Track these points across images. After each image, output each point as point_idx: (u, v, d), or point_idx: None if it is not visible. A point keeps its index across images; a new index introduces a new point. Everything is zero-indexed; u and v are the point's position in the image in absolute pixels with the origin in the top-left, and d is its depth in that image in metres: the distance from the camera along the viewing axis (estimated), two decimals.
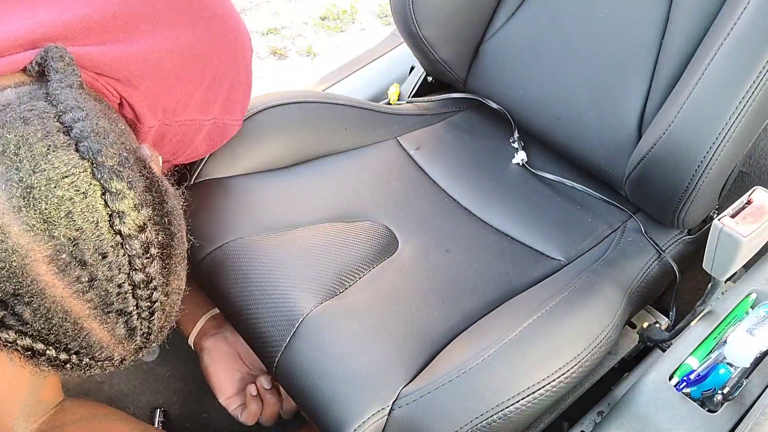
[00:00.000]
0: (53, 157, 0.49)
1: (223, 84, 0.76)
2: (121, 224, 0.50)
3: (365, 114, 1.04)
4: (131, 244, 0.50)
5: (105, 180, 0.50)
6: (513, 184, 0.99)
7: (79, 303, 0.49)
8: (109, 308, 0.51)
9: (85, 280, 0.49)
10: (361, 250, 0.86)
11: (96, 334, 0.51)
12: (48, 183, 0.48)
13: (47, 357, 0.51)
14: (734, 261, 0.68)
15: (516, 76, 1.02)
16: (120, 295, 0.51)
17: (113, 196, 0.50)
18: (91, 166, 0.50)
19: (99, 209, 0.49)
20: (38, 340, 0.50)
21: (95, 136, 0.52)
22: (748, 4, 0.76)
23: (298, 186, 0.94)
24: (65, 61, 0.57)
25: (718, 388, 0.69)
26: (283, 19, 2.50)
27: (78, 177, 0.49)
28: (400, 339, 0.77)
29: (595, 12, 0.93)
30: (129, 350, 0.54)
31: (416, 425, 0.69)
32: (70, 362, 0.52)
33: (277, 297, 0.79)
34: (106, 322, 0.51)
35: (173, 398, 1.12)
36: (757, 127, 0.81)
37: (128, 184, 0.51)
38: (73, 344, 0.51)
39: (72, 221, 0.48)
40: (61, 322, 0.49)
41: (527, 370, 0.71)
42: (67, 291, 0.49)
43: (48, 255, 0.48)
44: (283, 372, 0.76)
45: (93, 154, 0.50)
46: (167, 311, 0.56)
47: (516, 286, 0.85)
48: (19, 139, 0.49)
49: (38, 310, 0.48)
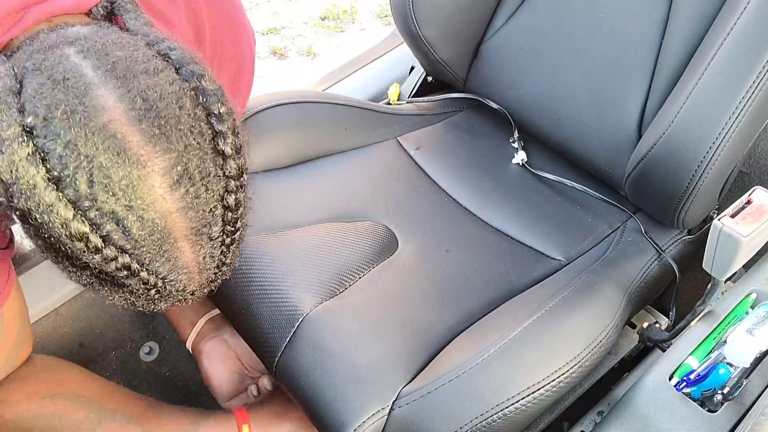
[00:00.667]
0: (161, 77, 0.50)
1: (230, 68, 0.77)
2: (224, 145, 0.51)
3: (365, 114, 1.04)
4: (230, 165, 0.52)
5: (210, 102, 0.51)
6: (513, 184, 0.99)
7: (182, 221, 0.50)
8: (203, 229, 0.52)
9: (190, 197, 0.50)
10: (361, 250, 0.86)
11: (185, 257, 0.52)
12: (162, 98, 0.49)
13: (140, 278, 0.51)
14: (734, 261, 0.68)
15: (516, 76, 1.02)
16: (214, 217, 0.52)
17: (217, 118, 0.51)
18: (195, 90, 0.51)
19: (206, 129, 0.51)
20: (135, 259, 0.50)
21: (195, 64, 0.53)
22: (748, 4, 0.76)
23: (298, 186, 0.94)
24: (134, 3, 0.58)
25: (718, 388, 0.69)
26: (283, 19, 2.50)
27: (186, 97, 0.50)
28: (400, 339, 0.77)
29: (595, 12, 0.93)
30: (203, 280, 0.55)
31: (416, 425, 0.69)
32: (156, 287, 0.52)
33: (277, 297, 0.79)
34: (197, 244, 0.52)
35: (173, 398, 1.12)
36: (757, 127, 0.81)
37: (228, 109, 0.52)
38: (163, 267, 0.51)
39: (185, 137, 0.49)
40: (162, 240, 0.50)
41: (527, 370, 0.71)
42: (174, 206, 0.49)
43: (165, 167, 0.49)
44: (283, 372, 0.76)
45: (196, 78, 0.51)
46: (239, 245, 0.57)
47: (516, 286, 0.85)
48: (125, 59, 0.50)
49: (146, 224, 0.49)
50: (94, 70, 0.49)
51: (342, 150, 1.01)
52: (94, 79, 0.48)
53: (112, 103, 0.48)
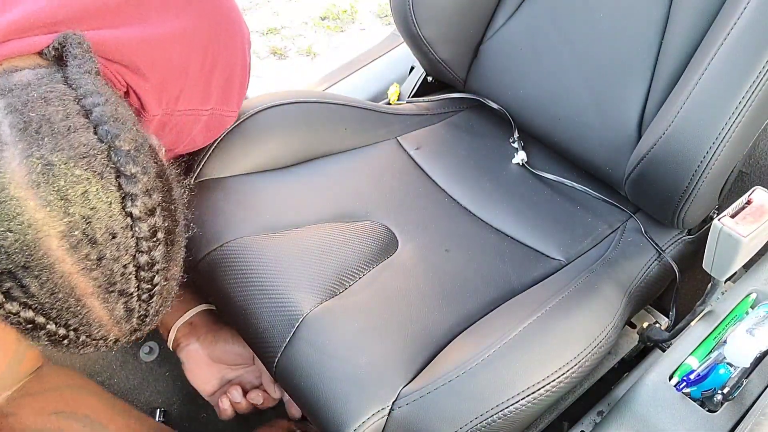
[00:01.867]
0: (73, 137, 0.51)
1: (222, 74, 0.77)
2: (132, 206, 0.51)
3: (365, 114, 1.04)
4: (140, 226, 0.52)
5: (121, 164, 0.51)
6: (513, 184, 0.99)
7: (85, 280, 0.51)
8: (112, 288, 0.52)
9: (93, 258, 0.50)
10: (361, 250, 0.86)
11: (96, 312, 0.52)
12: (67, 162, 0.49)
13: (47, 331, 0.52)
14: (734, 261, 0.68)
15: (516, 76, 1.02)
16: (124, 276, 0.52)
17: (127, 179, 0.51)
18: (109, 150, 0.51)
19: (113, 191, 0.51)
20: (41, 313, 0.51)
21: (114, 122, 0.53)
22: (747, 4, 0.76)
23: (298, 186, 0.94)
24: (83, 47, 0.58)
25: (718, 388, 0.69)
26: (283, 19, 2.50)
27: (95, 158, 0.51)
28: (400, 339, 0.77)
29: (595, 12, 0.93)
30: (124, 331, 0.56)
31: (416, 425, 0.69)
32: (67, 338, 0.53)
33: (277, 297, 0.79)
34: (108, 301, 0.52)
35: (173, 398, 1.12)
36: (757, 127, 0.81)
37: (142, 169, 0.53)
38: (73, 321, 0.52)
39: (87, 200, 0.50)
40: (65, 298, 0.51)
41: (527, 370, 0.71)
42: (75, 267, 0.50)
43: (61, 231, 0.49)
44: (283, 372, 0.76)
45: (111, 137, 0.52)
46: (164, 296, 0.57)
47: (516, 286, 0.85)
48: (41, 118, 0.51)
49: (45, 283, 0.49)
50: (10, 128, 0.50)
51: (342, 150, 1.01)
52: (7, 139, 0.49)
53: (15, 165, 0.48)
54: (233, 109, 0.83)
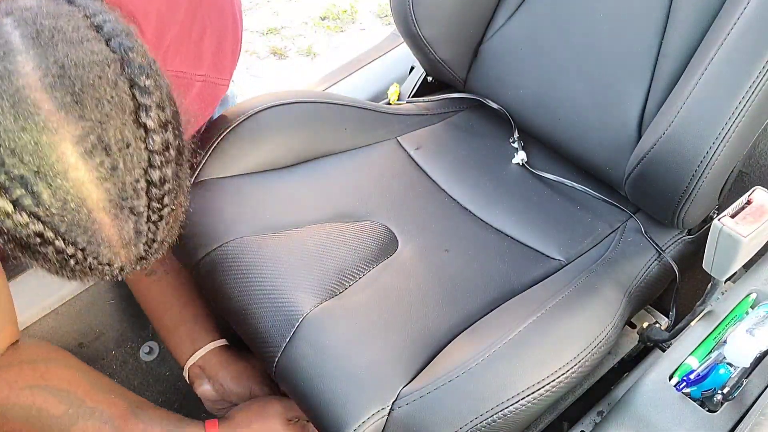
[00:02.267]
0: (86, 46, 0.50)
1: (212, 39, 0.76)
2: (146, 118, 0.51)
3: (365, 114, 1.04)
4: (154, 138, 0.51)
5: (135, 74, 0.51)
6: (513, 184, 0.99)
7: (97, 191, 0.50)
8: (123, 203, 0.51)
9: (107, 167, 0.49)
10: (361, 250, 0.86)
11: (105, 229, 0.51)
12: (81, 67, 0.49)
13: (55, 247, 0.50)
14: (734, 261, 0.68)
15: (516, 76, 1.02)
16: (135, 191, 0.51)
17: (141, 90, 0.51)
18: (121, 60, 0.51)
19: (127, 100, 0.50)
20: (49, 227, 0.49)
21: (126, 36, 0.53)
22: (747, 4, 0.76)
23: (298, 186, 0.94)
24: None
25: (718, 388, 0.69)
26: (283, 19, 2.50)
27: (109, 67, 0.50)
28: (399, 339, 0.77)
29: (595, 12, 0.93)
30: (130, 257, 0.54)
31: (416, 425, 0.69)
32: (74, 257, 0.51)
33: (277, 297, 0.79)
34: (118, 217, 0.51)
35: (173, 398, 1.12)
36: (757, 127, 0.81)
37: (155, 83, 0.52)
38: (81, 237, 0.51)
39: (101, 106, 0.49)
40: (76, 209, 0.49)
41: (527, 370, 0.71)
42: (88, 175, 0.49)
43: (76, 135, 0.48)
44: (283, 372, 0.76)
45: (124, 50, 0.51)
46: (172, 223, 0.56)
47: (516, 286, 0.85)
48: (53, 27, 0.50)
49: (57, 191, 0.48)
50: (22, 37, 0.49)
51: (342, 150, 1.01)
52: (19, 47, 0.48)
53: (29, 69, 0.48)
54: (226, 77, 0.82)
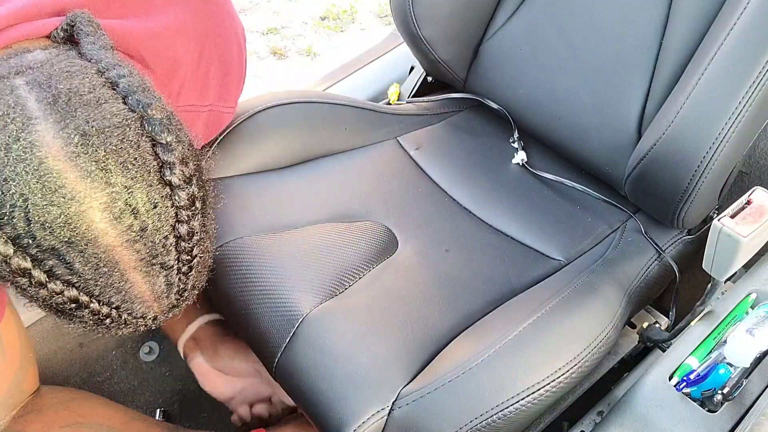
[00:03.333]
0: (104, 108, 0.50)
1: (219, 69, 0.76)
2: (171, 175, 0.51)
3: (365, 114, 1.04)
4: (179, 195, 0.51)
5: (156, 132, 0.51)
6: (513, 184, 0.99)
7: (128, 253, 0.50)
8: (154, 260, 0.52)
9: (136, 229, 0.50)
10: (361, 250, 0.86)
11: (138, 287, 0.52)
12: (103, 132, 0.49)
13: (90, 310, 0.51)
14: (734, 261, 0.68)
15: (516, 76, 1.02)
16: (165, 248, 0.52)
17: (163, 148, 0.51)
18: (141, 119, 0.51)
19: (150, 160, 0.51)
20: (84, 291, 0.50)
21: (143, 91, 0.52)
22: (747, 4, 0.76)
23: (298, 186, 0.94)
24: (93, 25, 0.58)
25: (718, 388, 0.69)
26: (283, 19, 2.50)
27: (130, 128, 0.50)
28: (399, 339, 0.77)
29: (595, 12, 0.93)
30: (163, 307, 0.55)
31: (416, 425, 0.69)
32: (110, 316, 0.52)
33: (277, 297, 0.79)
34: (149, 274, 0.52)
35: (173, 398, 1.12)
36: (756, 127, 0.81)
37: (176, 138, 0.52)
38: (115, 297, 0.51)
39: (126, 170, 0.49)
40: (109, 272, 0.50)
41: (527, 370, 0.71)
42: (118, 240, 0.49)
43: (104, 202, 0.48)
44: (283, 372, 0.76)
45: (143, 107, 0.51)
46: (201, 269, 0.57)
47: (516, 286, 0.85)
48: (69, 90, 0.50)
49: (89, 259, 0.49)
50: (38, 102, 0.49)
51: (342, 150, 1.01)
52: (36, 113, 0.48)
53: (50, 138, 0.48)
54: (231, 105, 0.83)
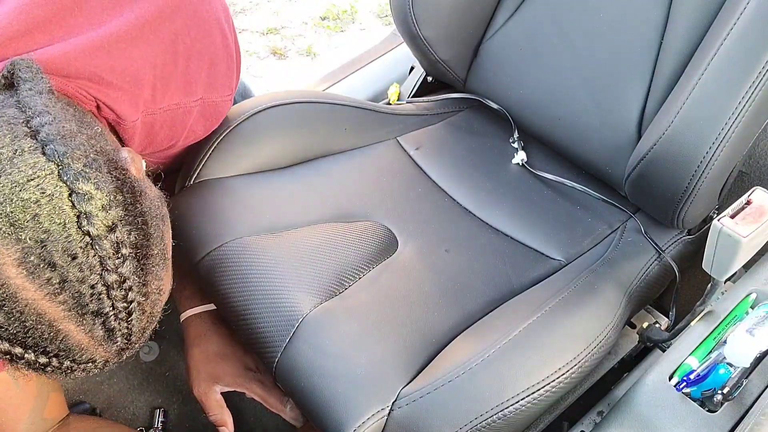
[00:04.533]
0: (20, 160, 0.50)
1: (202, 62, 0.74)
2: (89, 225, 0.50)
3: (365, 114, 1.04)
4: (101, 244, 0.50)
5: (71, 181, 0.50)
6: (513, 184, 0.99)
7: (53, 305, 0.49)
8: (84, 309, 0.50)
9: (56, 282, 0.49)
10: (360, 251, 0.86)
11: (74, 336, 0.51)
12: (14, 186, 0.49)
13: (26, 360, 0.50)
14: (734, 261, 0.68)
15: (516, 76, 1.02)
16: (94, 296, 0.51)
17: (80, 197, 0.50)
18: (58, 168, 0.50)
19: (66, 210, 0.50)
20: (16, 344, 0.49)
21: (61, 139, 0.52)
22: (747, 4, 0.76)
23: (298, 186, 0.94)
24: (33, 70, 0.57)
25: (718, 388, 0.69)
26: (283, 19, 2.50)
27: (44, 179, 0.50)
28: (399, 339, 0.77)
29: (595, 12, 0.93)
30: (111, 352, 0.54)
31: (416, 425, 0.69)
32: (50, 365, 0.51)
33: (277, 297, 0.79)
34: (83, 323, 0.51)
35: (173, 398, 1.12)
36: (756, 128, 0.81)
37: (95, 185, 0.51)
38: (51, 347, 0.50)
39: (39, 223, 0.48)
40: (35, 325, 0.49)
41: (527, 370, 0.71)
42: (38, 293, 0.49)
43: (16, 258, 0.48)
44: (283, 372, 0.76)
45: (59, 156, 0.51)
46: (147, 311, 0.55)
47: (516, 286, 0.85)
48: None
49: (11, 313, 0.48)
50: None
51: (342, 150, 1.01)
52: None
53: None
54: (226, 94, 0.80)
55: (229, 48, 0.77)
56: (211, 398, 0.89)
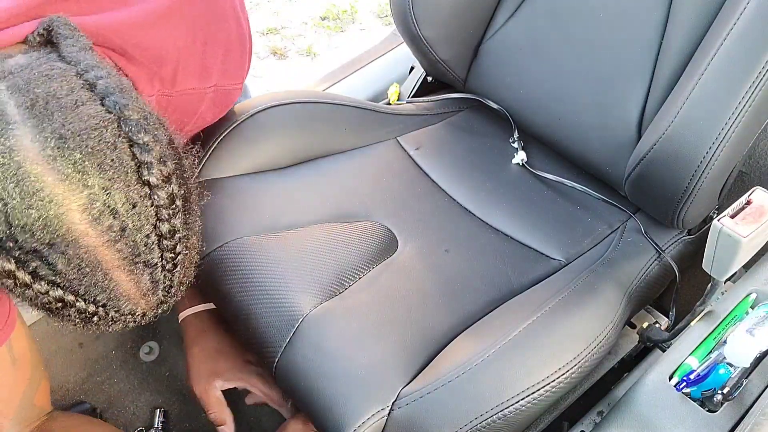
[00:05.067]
0: (81, 110, 0.51)
1: (218, 48, 0.76)
2: (149, 175, 0.51)
3: (365, 114, 1.04)
4: (158, 194, 0.52)
5: (132, 132, 0.51)
6: (513, 184, 0.99)
7: (110, 253, 0.51)
8: (136, 259, 0.52)
9: (116, 230, 0.50)
10: (360, 251, 0.86)
11: (123, 285, 0.52)
12: (80, 134, 0.49)
13: (77, 308, 0.51)
14: (734, 261, 0.68)
15: (516, 76, 1.02)
16: (147, 246, 0.52)
17: (140, 148, 0.51)
18: (118, 120, 0.51)
19: (127, 160, 0.51)
20: (69, 291, 0.51)
21: (120, 92, 0.53)
22: (747, 4, 0.76)
23: (298, 186, 0.94)
24: (71, 27, 0.58)
25: (718, 388, 0.69)
26: (283, 19, 2.50)
27: (107, 129, 0.51)
28: (399, 339, 0.77)
29: (595, 12, 0.93)
30: (151, 304, 0.56)
31: (416, 425, 0.69)
32: (97, 314, 0.53)
33: (277, 297, 0.79)
34: (134, 272, 0.52)
35: (173, 398, 1.12)
36: (756, 128, 0.81)
37: (153, 137, 0.52)
38: (101, 296, 0.52)
39: (104, 171, 0.50)
40: (92, 272, 0.50)
41: (527, 370, 0.71)
42: (99, 240, 0.50)
43: (82, 204, 0.49)
44: (283, 372, 0.76)
45: (120, 108, 0.52)
46: (187, 266, 0.57)
47: (516, 286, 0.85)
48: (47, 95, 0.51)
49: (71, 259, 0.49)
50: (17, 107, 0.49)
51: (342, 150, 1.01)
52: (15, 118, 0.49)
53: (28, 143, 0.48)
54: (238, 82, 0.82)
55: (243, 36, 0.79)
56: (212, 395, 0.90)
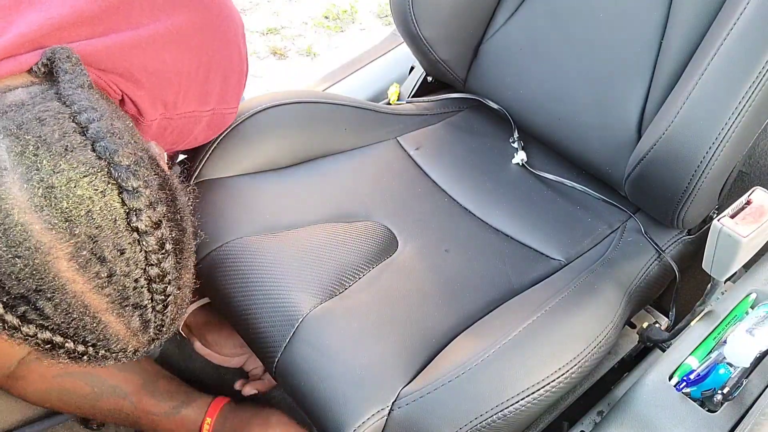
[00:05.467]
0: (71, 157, 0.51)
1: (218, 72, 0.76)
2: (138, 221, 0.51)
3: (365, 114, 1.04)
4: (147, 240, 0.52)
5: (122, 179, 0.51)
6: (513, 184, 0.99)
7: (98, 297, 0.51)
8: (125, 302, 0.52)
9: (104, 276, 0.51)
10: (360, 250, 0.86)
11: (113, 327, 0.53)
12: (68, 182, 0.50)
13: (66, 349, 0.52)
14: (734, 261, 0.68)
15: (516, 76, 1.02)
16: (136, 290, 0.53)
17: (130, 194, 0.51)
18: (108, 166, 0.51)
19: (117, 207, 0.51)
20: (58, 333, 0.51)
21: (111, 137, 0.53)
22: (747, 4, 0.76)
23: (297, 186, 0.94)
24: (72, 61, 0.58)
25: (718, 388, 0.69)
26: (283, 19, 2.50)
27: (96, 176, 0.51)
28: (399, 339, 0.77)
29: (595, 12, 0.93)
30: (143, 342, 0.56)
31: (416, 425, 0.69)
32: (87, 354, 0.53)
33: (277, 297, 0.79)
34: (123, 315, 0.53)
35: None
36: (756, 127, 0.81)
37: (144, 183, 0.53)
38: (90, 337, 0.52)
39: (92, 219, 0.50)
40: (80, 316, 0.51)
41: (527, 370, 0.71)
42: (87, 286, 0.50)
43: (69, 252, 0.49)
44: (283, 372, 0.76)
45: (110, 153, 0.52)
46: (179, 304, 0.58)
47: (516, 286, 0.85)
48: (38, 140, 0.51)
49: (59, 305, 0.50)
50: (8, 152, 0.50)
51: (342, 150, 1.01)
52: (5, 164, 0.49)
53: (16, 191, 0.49)
54: (233, 106, 0.83)
55: (241, 62, 0.80)
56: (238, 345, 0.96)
